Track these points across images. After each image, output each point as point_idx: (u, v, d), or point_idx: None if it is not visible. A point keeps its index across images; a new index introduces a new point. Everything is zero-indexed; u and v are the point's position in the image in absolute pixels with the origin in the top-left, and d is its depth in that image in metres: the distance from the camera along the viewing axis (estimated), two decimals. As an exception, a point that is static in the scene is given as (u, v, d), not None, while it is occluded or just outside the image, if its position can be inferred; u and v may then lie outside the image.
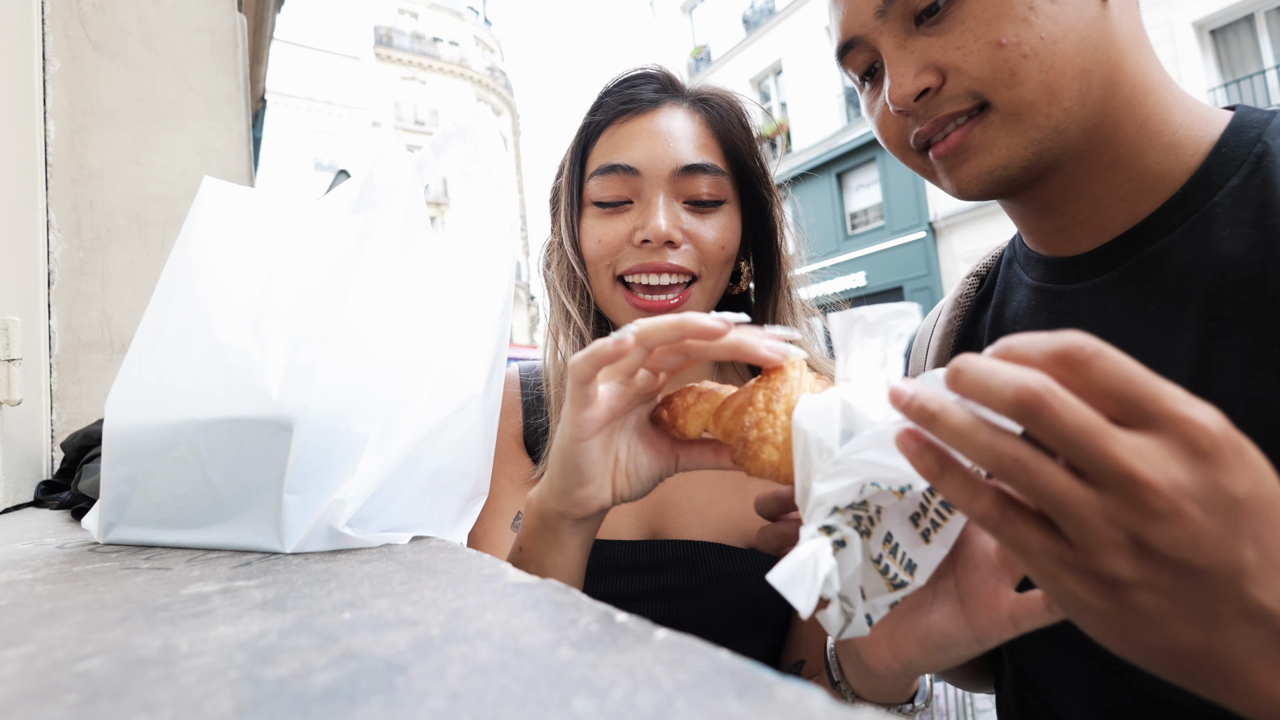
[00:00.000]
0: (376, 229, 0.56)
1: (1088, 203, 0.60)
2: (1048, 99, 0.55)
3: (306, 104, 24.99)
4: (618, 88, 0.78)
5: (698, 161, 0.74)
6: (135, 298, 1.30)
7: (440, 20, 29.00)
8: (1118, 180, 0.59)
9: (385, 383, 0.52)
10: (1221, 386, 0.51)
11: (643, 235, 0.73)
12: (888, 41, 0.60)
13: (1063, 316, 0.64)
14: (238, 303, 0.53)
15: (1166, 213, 0.57)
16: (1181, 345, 0.54)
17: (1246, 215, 0.53)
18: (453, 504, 0.58)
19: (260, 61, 3.16)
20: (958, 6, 0.56)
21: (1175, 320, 0.55)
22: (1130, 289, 0.58)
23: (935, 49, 0.57)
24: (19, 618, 0.32)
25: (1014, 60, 0.54)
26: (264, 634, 0.28)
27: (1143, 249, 0.58)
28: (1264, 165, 0.53)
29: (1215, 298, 0.53)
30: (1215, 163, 0.56)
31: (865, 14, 0.60)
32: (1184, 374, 0.53)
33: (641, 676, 0.21)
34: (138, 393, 0.52)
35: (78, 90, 1.30)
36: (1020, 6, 0.53)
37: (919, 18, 0.58)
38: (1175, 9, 9.33)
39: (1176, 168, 0.57)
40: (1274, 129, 0.55)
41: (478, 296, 0.62)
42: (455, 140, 0.66)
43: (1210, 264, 0.53)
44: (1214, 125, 0.58)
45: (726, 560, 0.75)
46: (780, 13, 14.54)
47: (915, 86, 0.58)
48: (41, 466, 1.10)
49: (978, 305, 0.77)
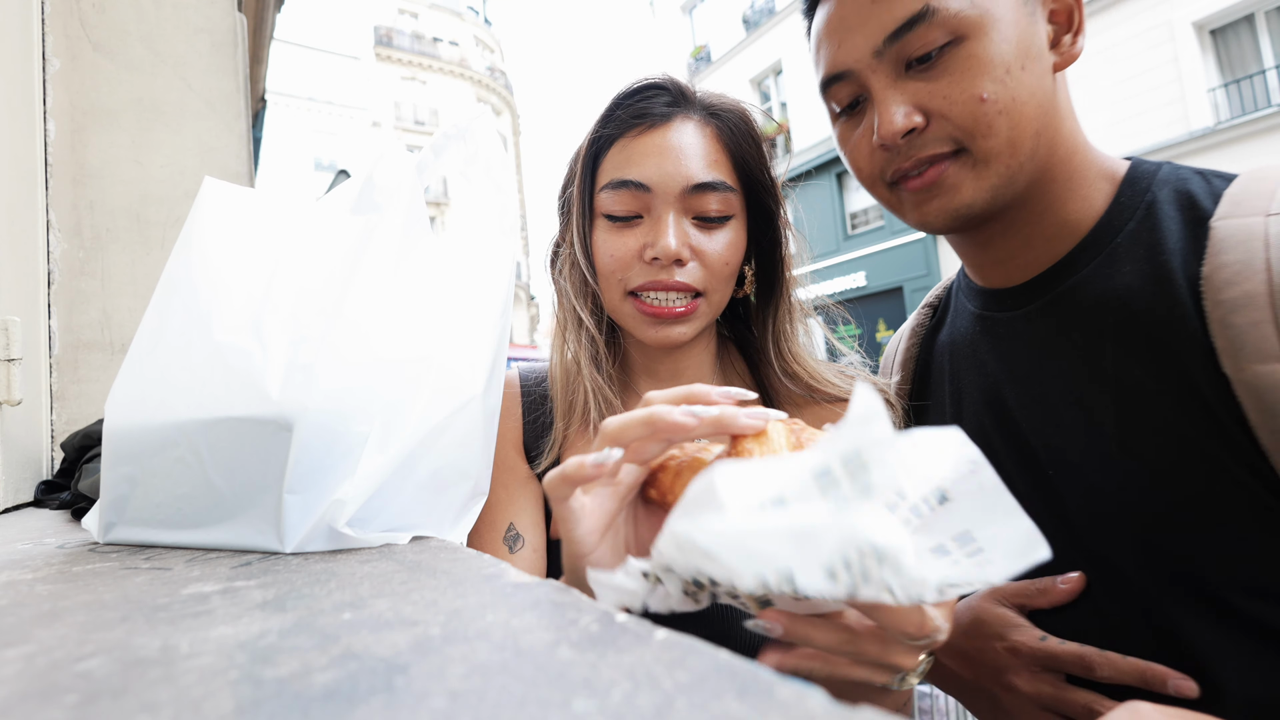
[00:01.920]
0: (377, 230, 0.56)
1: (1020, 242, 0.70)
2: (1010, 151, 0.63)
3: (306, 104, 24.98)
4: (629, 100, 0.79)
5: (708, 180, 0.76)
6: (135, 298, 1.30)
7: (440, 20, 29.00)
8: (1045, 224, 0.68)
9: (385, 383, 0.52)
10: (1140, 403, 0.60)
11: (652, 253, 0.74)
12: (880, 81, 0.66)
13: (1000, 340, 0.73)
14: (238, 303, 0.53)
15: (1078, 253, 0.67)
16: (1104, 367, 0.63)
17: (1141, 253, 0.63)
18: (452, 504, 0.58)
19: (260, 61, 3.16)
20: (947, 59, 0.62)
21: (1095, 345, 0.64)
22: (1054, 318, 0.68)
23: (923, 93, 0.64)
24: (19, 618, 0.32)
25: (991, 115, 0.62)
26: (264, 634, 0.28)
27: (1062, 283, 0.68)
28: (1153, 212, 0.64)
29: (1125, 325, 0.62)
30: (1115, 210, 0.66)
31: (861, 51, 0.66)
32: (1109, 391, 0.62)
33: (641, 676, 0.21)
34: (138, 392, 0.52)
35: (78, 90, 1.30)
36: (999, 69, 0.61)
37: (910, 64, 0.64)
38: (1175, 9, 9.33)
39: (1088, 215, 0.67)
40: (1160, 179, 0.66)
41: (478, 297, 0.62)
42: (455, 142, 0.67)
43: (1116, 295, 0.63)
44: (1115, 178, 0.68)
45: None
46: (780, 13, 14.54)
47: (904, 126, 0.64)
48: (41, 466, 1.10)
49: (933, 332, 0.86)
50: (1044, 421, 0.67)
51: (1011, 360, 0.71)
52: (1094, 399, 0.63)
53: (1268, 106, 8.70)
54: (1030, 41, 0.63)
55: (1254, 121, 8.70)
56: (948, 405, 0.79)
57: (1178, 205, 0.63)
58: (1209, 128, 9.03)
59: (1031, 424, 0.68)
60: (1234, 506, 0.55)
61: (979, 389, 0.74)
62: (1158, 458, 0.59)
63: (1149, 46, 9.52)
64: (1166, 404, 0.58)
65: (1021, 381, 0.70)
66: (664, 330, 0.76)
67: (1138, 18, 9.65)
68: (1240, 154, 8.73)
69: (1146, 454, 0.59)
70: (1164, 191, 0.65)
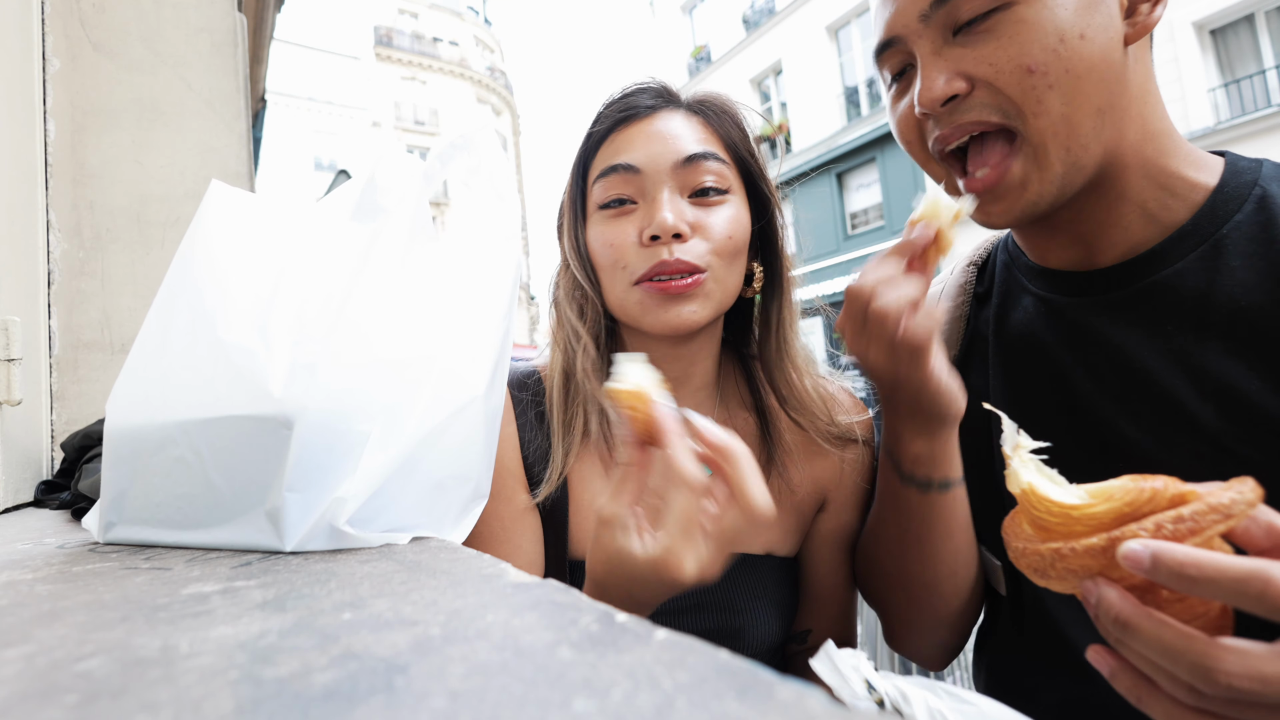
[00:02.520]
0: (382, 233, 0.56)
1: (1093, 227, 0.65)
2: (1067, 130, 0.58)
3: (306, 104, 24.98)
4: (616, 100, 0.80)
5: (698, 150, 0.74)
6: (135, 298, 1.30)
7: (440, 20, 28.99)
8: (1122, 210, 0.64)
9: (387, 383, 0.52)
10: (1242, 400, 0.56)
11: (650, 231, 0.72)
12: (924, 46, 0.63)
13: (1075, 327, 0.68)
14: (244, 303, 0.53)
15: (1175, 242, 0.62)
16: (1203, 363, 0.59)
17: (1254, 248, 0.58)
18: (453, 505, 0.58)
19: (260, 61, 3.16)
20: (995, 23, 0.58)
21: (1194, 340, 0.60)
22: (1146, 308, 0.63)
23: (968, 59, 0.60)
24: (19, 618, 0.32)
25: (1040, 89, 0.57)
26: (264, 634, 0.28)
27: (1155, 272, 0.63)
28: (1266, 205, 0.60)
29: (1231, 321, 0.58)
30: (1219, 200, 0.62)
31: (909, 16, 0.63)
32: (1208, 388, 0.58)
33: (641, 676, 0.21)
34: (139, 392, 0.53)
35: (78, 90, 1.30)
36: (1051, 37, 0.56)
37: (958, 29, 0.61)
38: (1175, 9, 9.32)
39: (1174, 204, 0.63)
40: (1266, 175, 0.62)
41: (481, 300, 0.62)
42: (460, 152, 0.67)
43: (1225, 290, 0.59)
44: (1209, 170, 0.64)
45: (747, 569, 0.78)
46: (780, 13, 14.53)
47: (944, 92, 0.60)
48: (41, 466, 1.10)
49: (979, 300, 0.80)
50: (1123, 414, 0.63)
51: (1084, 349, 0.67)
52: (1187, 395, 0.60)
53: (1268, 106, 8.70)
54: (1094, 8, 0.57)
55: (1254, 121, 8.71)
56: (993, 383, 0.74)
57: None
58: (1209, 128, 9.03)
59: (1103, 414, 0.64)
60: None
61: (1043, 376, 0.70)
62: (1258, 458, 0.56)
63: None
64: (1275, 403, 0.55)
65: (1095, 372, 0.66)
66: (673, 309, 0.72)
67: (1138, 18, 9.64)
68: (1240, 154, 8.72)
69: (1244, 453, 0.56)
70: (1274, 186, 0.61)
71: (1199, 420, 0.59)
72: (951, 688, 0.56)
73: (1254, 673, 0.35)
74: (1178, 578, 0.36)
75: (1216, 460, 0.58)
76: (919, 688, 0.55)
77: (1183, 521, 0.37)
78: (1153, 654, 0.38)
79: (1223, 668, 0.35)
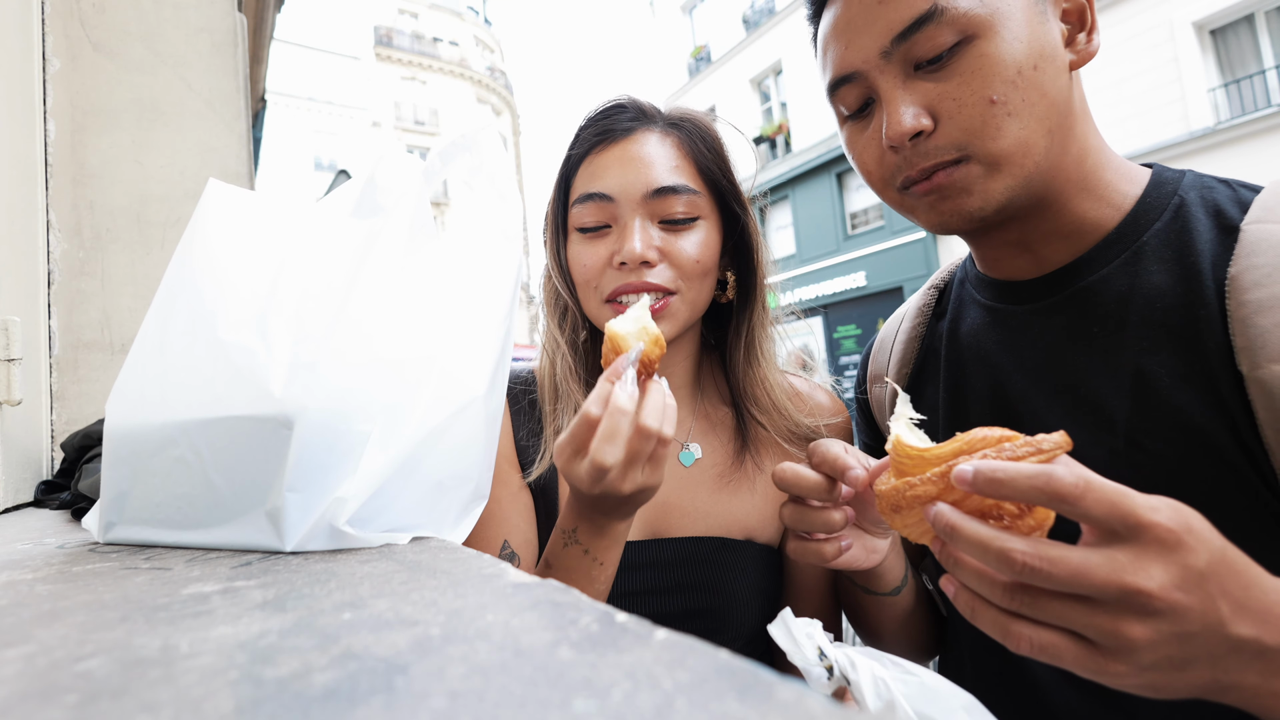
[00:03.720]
0: (383, 232, 0.56)
1: (1035, 237, 0.70)
2: (1022, 152, 0.62)
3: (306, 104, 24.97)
4: (593, 121, 0.84)
5: (669, 183, 0.79)
6: (135, 298, 1.30)
7: (440, 20, 28.99)
8: (1060, 221, 0.68)
9: (388, 383, 0.52)
10: (1155, 398, 0.61)
11: (620, 258, 0.77)
12: (888, 81, 0.65)
13: (1013, 333, 0.73)
14: (243, 302, 0.53)
15: (1102, 249, 0.67)
16: (1121, 362, 0.63)
17: (1170, 254, 0.63)
18: (453, 505, 0.58)
19: (260, 61, 3.16)
20: (957, 60, 0.62)
21: (1115, 340, 0.64)
22: (1074, 312, 0.68)
23: (933, 94, 0.63)
24: (19, 618, 0.32)
25: (1000, 117, 0.61)
26: (264, 634, 0.28)
27: (1084, 278, 0.68)
28: (1182, 213, 0.65)
29: (1147, 323, 0.62)
30: (1142, 210, 0.67)
31: (869, 52, 0.65)
32: (1125, 386, 0.63)
33: (641, 676, 0.21)
34: (139, 392, 0.52)
35: (78, 90, 1.30)
36: (1010, 69, 0.61)
37: (919, 65, 0.63)
38: (1175, 9, 9.32)
39: (1108, 213, 0.67)
40: (1186, 184, 0.67)
41: (482, 300, 0.62)
42: (462, 151, 0.67)
43: (1142, 294, 0.63)
44: (1136, 181, 0.69)
45: (728, 550, 0.83)
46: (780, 13, 14.53)
47: (912, 127, 0.63)
48: (41, 466, 1.10)
49: (936, 317, 0.86)
50: (1049, 414, 0.67)
51: (1020, 353, 0.71)
52: (1107, 393, 0.64)
53: (1268, 106, 8.69)
54: (1043, 41, 0.62)
55: (1254, 121, 8.70)
56: (942, 393, 0.79)
57: (1205, 209, 0.64)
58: (1209, 128, 9.03)
59: (1035, 416, 0.68)
60: (1236, 506, 0.56)
61: (983, 380, 0.74)
62: (1167, 452, 0.59)
63: (1149, 46, 9.51)
64: (1184, 399, 0.59)
65: (1029, 374, 0.70)
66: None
67: (1138, 18, 9.64)
68: (1240, 154, 8.73)
69: (1156, 448, 0.60)
70: (1191, 195, 0.65)
71: (1116, 417, 0.63)
72: (899, 660, 0.61)
73: (1041, 553, 0.42)
74: (989, 481, 0.43)
75: (1130, 456, 0.61)
76: (867, 658, 0.60)
77: (1003, 451, 0.46)
78: (972, 553, 0.44)
79: (1017, 548, 0.42)
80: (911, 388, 0.84)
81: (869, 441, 0.93)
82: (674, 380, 0.90)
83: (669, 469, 0.86)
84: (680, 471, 0.86)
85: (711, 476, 0.86)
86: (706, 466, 0.87)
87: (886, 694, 0.56)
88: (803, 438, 0.87)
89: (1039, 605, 0.43)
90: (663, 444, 0.59)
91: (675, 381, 0.90)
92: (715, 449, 0.88)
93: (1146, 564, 0.40)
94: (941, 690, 0.57)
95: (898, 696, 0.55)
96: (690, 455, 0.87)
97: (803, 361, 0.99)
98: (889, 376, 0.85)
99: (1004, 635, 0.45)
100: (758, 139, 14.66)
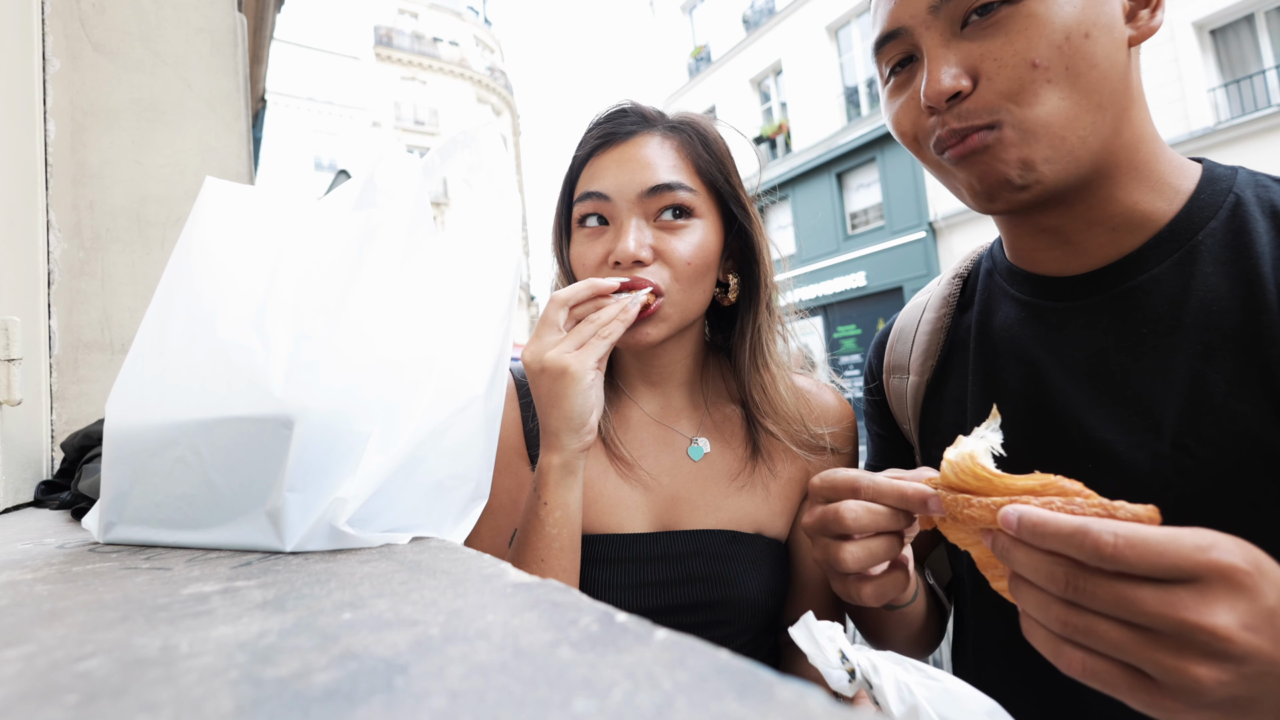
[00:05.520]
0: (381, 229, 0.56)
1: (1081, 228, 0.66)
2: (1062, 124, 0.59)
3: (306, 104, 24.96)
4: (597, 125, 0.86)
5: (664, 181, 0.80)
6: (135, 298, 1.30)
7: (440, 20, 28.98)
8: (1109, 213, 0.65)
9: (388, 383, 0.52)
10: (1209, 403, 0.58)
11: (614, 257, 0.79)
12: (933, 38, 0.63)
13: (1051, 330, 0.70)
14: (241, 300, 0.53)
15: (1153, 247, 0.64)
16: (1173, 365, 0.60)
17: (1227, 255, 0.60)
18: (453, 505, 0.58)
19: (260, 61, 3.16)
20: (1004, 16, 0.59)
21: (1166, 342, 0.61)
22: (1122, 311, 0.65)
23: (975, 54, 0.60)
24: (19, 618, 0.32)
25: (1039, 82, 0.58)
26: (264, 634, 0.28)
27: (1133, 278, 0.64)
28: (1239, 213, 0.61)
29: (1203, 326, 0.60)
30: (1195, 206, 0.63)
31: (918, 6, 0.63)
32: (1176, 389, 0.60)
33: (641, 676, 0.21)
34: (138, 392, 0.52)
35: (78, 90, 1.30)
36: (1058, 33, 0.57)
37: (967, 20, 0.61)
38: (1175, 9, 9.32)
39: (1158, 209, 0.64)
40: (1241, 181, 0.64)
41: (481, 299, 0.62)
42: (462, 148, 0.67)
43: (1198, 296, 0.60)
44: (1189, 176, 0.65)
45: (739, 544, 0.84)
46: (780, 13, 14.52)
47: (950, 87, 0.61)
48: (41, 466, 1.10)
49: (961, 308, 0.82)
50: (1089, 413, 0.65)
51: (1059, 350, 0.68)
52: (1156, 396, 0.61)
53: (1268, 106, 8.69)
54: (1100, 9, 0.58)
55: (1254, 121, 8.70)
56: (971, 387, 0.76)
57: (1262, 209, 0.61)
58: (1209, 128, 9.03)
59: (1075, 415, 0.66)
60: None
61: (1017, 377, 0.72)
62: (1218, 459, 0.57)
63: (1149, 46, 9.47)
64: (1241, 406, 0.56)
65: (1069, 372, 0.67)
66: (631, 330, 0.78)
67: (1138, 18, 9.63)
68: (1240, 154, 8.72)
69: (1206, 454, 0.58)
70: (1248, 193, 0.62)
71: (1163, 421, 0.60)
72: (921, 665, 0.60)
73: (1135, 538, 0.39)
74: (1030, 531, 0.43)
75: (1176, 460, 0.59)
76: (890, 662, 0.59)
77: (1069, 504, 0.44)
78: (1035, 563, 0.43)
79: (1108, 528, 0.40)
80: (936, 380, 0.81)
81: (882, 432, 0.92)
82: (677, 379, 0.90)
83: (679, 463, 0.87)
84: (690, 466, 0.87)
85: (721, 473, 0.88)
86: (715, 462, 0.88)
87: (910, 699, 0.55)
88: (808, 444, 0.87)
89: (1094, 633, 0.41)
90: (574, 319, 0.72)
91: (678, 380, 0.90)
92: (724, 446, 0.89)
93: (1212, 602, 0.38)
94: (965, 696, 0.56)
95: (921, 701, 0.55)
96: (699, 450, 0.88)
97: (803, 361, 0.99)
98: (912, 367, 0.83)
99: (1055, 655, 0.44)
100: (758, 139, 14.67)
